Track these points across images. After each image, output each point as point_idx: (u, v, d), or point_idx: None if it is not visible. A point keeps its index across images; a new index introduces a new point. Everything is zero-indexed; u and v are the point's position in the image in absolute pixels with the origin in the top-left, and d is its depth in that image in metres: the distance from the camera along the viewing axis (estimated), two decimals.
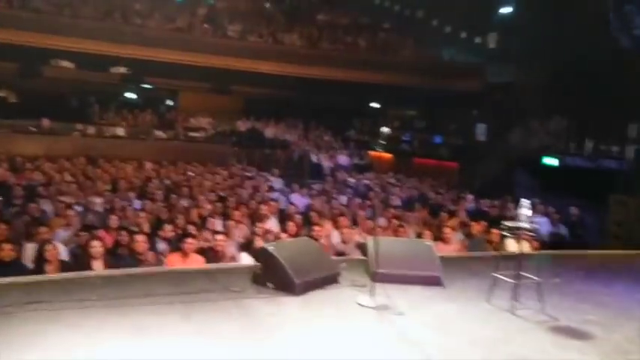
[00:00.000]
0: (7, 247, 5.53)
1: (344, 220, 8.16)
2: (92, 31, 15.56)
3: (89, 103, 19.40)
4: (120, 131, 16.23)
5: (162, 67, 17.69)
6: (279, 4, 22.68)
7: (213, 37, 18.56)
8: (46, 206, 8.27)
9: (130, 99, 22.62)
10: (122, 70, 16.52)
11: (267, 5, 22.48)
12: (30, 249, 6.04)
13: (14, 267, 5.42)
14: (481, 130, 18.58)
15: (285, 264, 4.72)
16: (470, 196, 12.44)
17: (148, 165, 13.35)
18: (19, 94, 22.20)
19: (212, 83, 20.81)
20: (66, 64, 15.93)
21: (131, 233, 6.46)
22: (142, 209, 8.39)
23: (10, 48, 15.63)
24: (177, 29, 17.73)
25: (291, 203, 10.45)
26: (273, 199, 10.17)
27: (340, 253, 6.87)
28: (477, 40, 20.23)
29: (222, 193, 10.80)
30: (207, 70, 18.43)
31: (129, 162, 13.35)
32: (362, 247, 6.65)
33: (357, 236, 7.60)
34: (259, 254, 5.08)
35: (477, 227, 8.23)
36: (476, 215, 9.88)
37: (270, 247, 4.92)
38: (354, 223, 8.51)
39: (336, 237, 7.71)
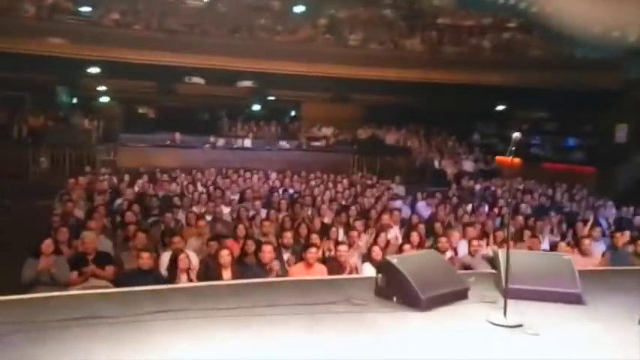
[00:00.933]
0: (145, 255, 5.88)
1: (471, 231, 7.81)
2: (220, 48, 16.36)
3: (219, 117, 20.52)
4: (247, 143, 16.90)
5: (286, 79, 18.19)
6: (399, 10, 22.49)
7: (334, 47, 18.78)
8: (181, 216, 8.73)
9: (256, 111, 23.61)
10: (248, 83, 17.17)
11: (387, 12, 22.37)
12: (165, 258, 6.38)
13: (151, 275, 5.75)
14: (621, 131, 17.11)
15: (410, 278, 4.54)
16: (610, 204, 11.46)
17: (273, 175, 13.73)
18: (158, 110, 24.07)
19: (333, 93, 21.08)
20: (197, 80, 16.84)
21: (258, 243, 6.62)
22: (267, 218, 8.58)
23: (150, 68, 16.91)
24: (300, 41, 18.15)
25: (414, 212, 10.22)
26: (395, 208, 9.98)
27: (467, 267, 6.56)
28: (615, 34, 18.66)
29: (343, 202, 10.85)
30: (328, 80, 18.70)
31: (255, 172, 13.87)
32: (491, 260, 6.30)
33: (486, 248, 7.23)
34: (382, 266, 4.94)
35: (620, 238, 7.52)
36: (619, 225, 9.06)
37: (394, 260, 4.76)
38: (483, 233, 8.11)
39: (462, 249, 7.39)
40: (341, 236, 7.81)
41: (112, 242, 7.16)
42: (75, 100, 22.59)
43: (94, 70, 17.41)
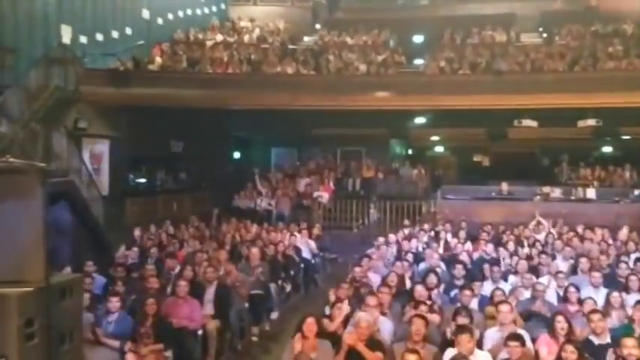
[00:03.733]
0: None
1: None
2: (556, 85, 14.21)
3: (557, 163, 18.09)
4: (590, 193, 14.13)
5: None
6: None
7: None
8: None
9: (606, 153, 20.18)
10: (591, 122, 14.47)
11: None
12: None
13: None
14: None
15: None
16: None
17: (623, 232, 10.90)
18: (492, 157, 22.77)
19: None
20: (529, 122, 14.94)
21: None
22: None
23: (477, 113, 15.82)
24: None
25: None
26: None
27: None
28: None
29: None
30: None
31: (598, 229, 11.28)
32: None
33: None
34: None
35: None
36: None
37: None
38: None
39: None
40: None
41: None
42: (409, 152, 23.07)
43: (421, 120, 17.13)
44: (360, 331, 5.02)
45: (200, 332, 6.62)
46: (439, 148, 23.53)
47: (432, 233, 11.94)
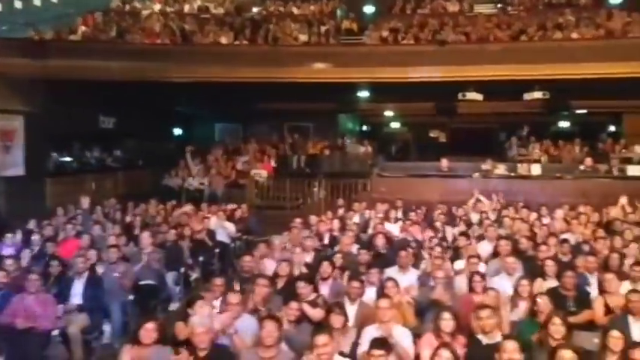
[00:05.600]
0: None
1: None
2: (500, 56, 13.48)
3: (501, 138, 17.50)
4: (535, 169, 13.52)
5: (593, 86, 14.19)
6: None
7: None
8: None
9: (564, 128, 19.62)
10: (538, 95, 13.79)
11: None
12: None
13: None
14: None
15: None
16: None
17: (558, 213, 10.31)
18: (448, 133, 22.11)
19: None
20: (474, 95, 14.20)
21: None
22: None
23: (423, 87, 15.00)
24: (606, 35, 13.96)
25: None
26: None
27: None
28: None
29: None
30: None
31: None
32: None
33: None
34: None
35: None
36: None
37: None
38: None
39: None
40: None
41: None
42: (363, 128, 22.30)
43: (364, 93, 16.30)
44: (197, 339, 4.26)
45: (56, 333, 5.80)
46: (395, 124, 22.78)
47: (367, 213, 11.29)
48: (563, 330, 4.63)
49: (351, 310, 5.56)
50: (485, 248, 8.24)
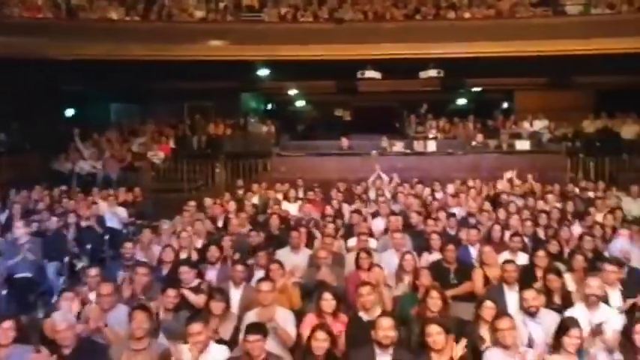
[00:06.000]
0: None
1: None
2: (396, 34, 13.69)
3: (401, 116, 17.89)
4: (431, 145, 13.92)
5: (486, 64, 14.71)
6: None
7: (546, 17, 14.71)
8: None
9: (457, 107, 20.32)
10: (433, 73, 14.15)
11: None
12: None
13: None
14: None
15: None
16: None
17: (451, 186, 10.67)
18: (352, 111, 22.32)
19: (549, 77, 16.90)
20: (372, 74, 14.35)
21: None
22: None
23: (325, 64, 14.95)
24: (496, 15, 14.52)
25: None
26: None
27: None
28: None
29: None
30: (541, 61, 14.70)
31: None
32: None
33: None
34: None
35: None
36: None
37: None
38: None
39: None
40: None
41: None
42: (268, 107, 22.04)
43: (264, 71, 16.05)
44: (59, 336, 3.98)
45: None
46: (300, 103, 22.70)
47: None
48: (440, 303, 4.73)
49: (236, 294, 5.44)
50: (378, 225, 8.36)
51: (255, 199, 10.79)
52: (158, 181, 14.19)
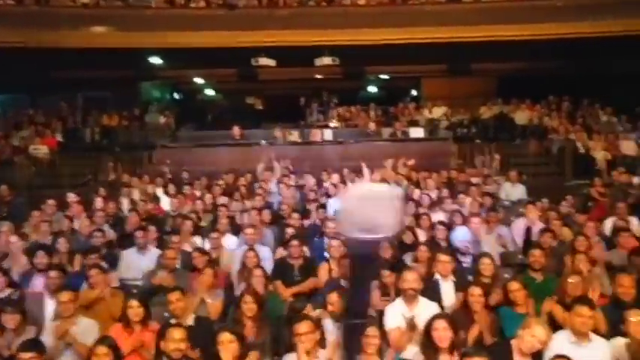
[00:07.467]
0: None
1: None
2: (289, 21, 13.36)
3: (320, 104, 17.61)
4: (327, 134, 13.71)
5: (388, 52, 14.60)
6: None
7: (440, 3, 14.75)
8: None
9: (368, 94, 20.25)
10: (327, 60, 13.92)
11: None
12: None
13: None
14: None
15: None
16: None
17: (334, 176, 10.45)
18: (264, 100, 21.89)
19: (450, 64, 17.04)
20: (266, 61, 13.97)
21: None
22: None
23: (222, 51, 14.42)
24: (390, 2, 14.44)
25: None
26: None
27: None
28: None
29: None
30: (440, 48, 14.76)
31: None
32: None
33: None
34: None
35: None
36: None
37: None
38: None
39: None
40: None
41: None
42: (175, 96, 21.25)
43: (156, 60, 15.36)
44: None
45: None
46: (210, 92, 22.05)
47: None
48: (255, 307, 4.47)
49: (50, 304, 4.99)
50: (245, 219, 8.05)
51: (136, 195, 10.27)
52: (39, 176, 13.32)
